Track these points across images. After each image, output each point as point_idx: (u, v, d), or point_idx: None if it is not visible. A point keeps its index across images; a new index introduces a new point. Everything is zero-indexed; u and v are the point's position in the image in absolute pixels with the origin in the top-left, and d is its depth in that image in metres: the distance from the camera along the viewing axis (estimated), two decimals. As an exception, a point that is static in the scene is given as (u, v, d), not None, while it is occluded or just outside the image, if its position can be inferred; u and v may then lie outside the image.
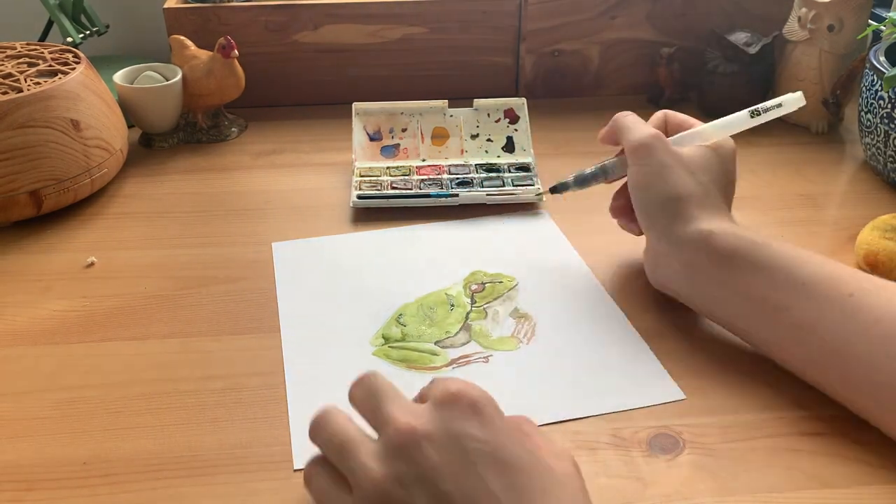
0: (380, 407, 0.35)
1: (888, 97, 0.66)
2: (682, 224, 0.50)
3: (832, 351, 0.43)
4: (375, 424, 0.35)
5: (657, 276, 0.53)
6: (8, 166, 0.61)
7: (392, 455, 0.33)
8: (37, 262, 0.61)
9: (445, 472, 0.32)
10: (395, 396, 0.36)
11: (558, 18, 0.84)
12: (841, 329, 0.43)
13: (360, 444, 0.34)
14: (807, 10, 0.76)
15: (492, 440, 0.33)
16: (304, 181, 0.72)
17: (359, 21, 0.83)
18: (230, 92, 0.77)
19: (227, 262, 0.60)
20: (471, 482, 0.31)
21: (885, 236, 0.57)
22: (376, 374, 0.37)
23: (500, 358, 0.51)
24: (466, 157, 0.73)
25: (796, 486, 0.41)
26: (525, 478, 0.32)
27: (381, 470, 0.32)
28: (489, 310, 0.55)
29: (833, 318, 0.43)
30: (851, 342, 0.43)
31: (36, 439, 0.45)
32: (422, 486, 0.32)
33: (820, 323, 0.44)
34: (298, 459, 0.43)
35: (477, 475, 0.32)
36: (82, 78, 0.67)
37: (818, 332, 0.44)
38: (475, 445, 0.32)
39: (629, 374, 0.49)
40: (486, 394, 0.35)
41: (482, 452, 0.32)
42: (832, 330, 0.43)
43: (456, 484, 0.31)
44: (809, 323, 0.44)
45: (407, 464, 0.32)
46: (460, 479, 0.32)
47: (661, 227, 0.51)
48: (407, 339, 0.52)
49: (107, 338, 0.53)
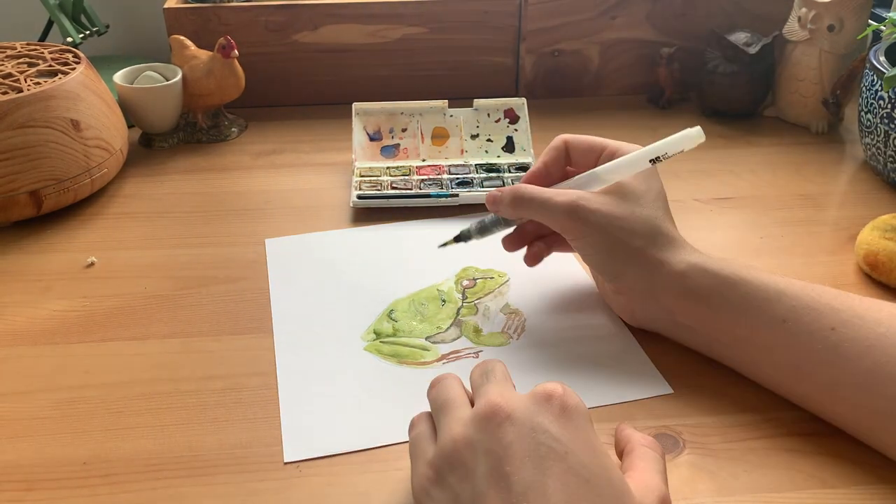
0: (484, 384, 0.38)
1: (888, 97, 0.66)
2: (653, 273, 0.48)
3: (818, 387, 0.43)
4: (476, 398, 0.37)
5: (637, 320, 0.51)
6: (8, 166, 0.61)
7: (475, 423, 0.35)
8: (37, 262, 0.61)
9: (512, 455, 0.33)
10: (502, 380, 0.38)
11: (558, 18, 0.84)
12: (826, 367, 0.43)
13: (457, 408, 0.37)
14: (807, 10, 0.76)
15: (566, 443, 0.33)
16: (304, 181, 0.72)
17: (359, 21, 0.83)
18: (230, 92, 0.77)
19: (227, 262, 0.60)
20: (529, 472, 0.32)
21: (885, 236, 0.57)
22: (497, 361, 0.40)
23: (490, 353, 0.51)
24: (466, 157, 0.73)
25: (796, 486, 0.41)
26: (585, 489, 0.32)
27: (461, 431, 0.35)
28: (480, 305, 0.55)
29: (817, 356, 0.43)
30: (837, 379, 0.42)
31: (36, 439, 0.45)
32: (487, 458, 0.33)
33: (806, 361, 0.43)
34: (288, 453, 0.43)
35: (539, 468, 0.32)
36: (82, 78, 0.67)
37: (804, 370, 0.44)
38: (548, 441, 0.33)
39: (617, 368, 0.49)
40: (583, 406, 0.36)
41: (552, 450, 0.33)
42: (818, 369, 0.43)
43: (517, 469, 0.33)
44: (795, 362, 0.44)
45: (484, 434, 0.34)
46: (522, 467, 0.33)
47: (629, 280, 0.49)
48: (398, 334, 0.52)
49: (107, 338, 0.53)
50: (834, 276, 0.58)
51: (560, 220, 0.49)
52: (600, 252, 0.49)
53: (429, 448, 0.37)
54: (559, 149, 0.53)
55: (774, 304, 0.44)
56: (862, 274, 0.58)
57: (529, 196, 0.49)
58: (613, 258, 0.49)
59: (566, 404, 0.35)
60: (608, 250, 0.48)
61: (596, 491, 0.32)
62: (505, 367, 0.40)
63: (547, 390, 0.35)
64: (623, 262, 0.48)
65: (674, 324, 0.49)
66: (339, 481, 0.42)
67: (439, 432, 0.37)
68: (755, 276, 0.46)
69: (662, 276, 0.47)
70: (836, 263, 0.60)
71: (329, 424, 0.45)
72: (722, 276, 0.46)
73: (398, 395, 0.47)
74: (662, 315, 0.49)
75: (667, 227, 0.49)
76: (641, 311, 0.50)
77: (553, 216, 0.49)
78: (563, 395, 0.35)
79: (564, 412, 0.34)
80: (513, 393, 0.36)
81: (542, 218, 0.50)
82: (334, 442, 0.44)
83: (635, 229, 0.48)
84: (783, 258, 0.60)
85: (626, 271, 0.49)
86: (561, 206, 0.48)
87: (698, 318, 0.47)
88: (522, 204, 0.50)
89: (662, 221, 0.49)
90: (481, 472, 0.33)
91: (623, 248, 0.48)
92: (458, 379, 0.40)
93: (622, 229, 0.48)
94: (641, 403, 0.47)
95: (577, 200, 0.48)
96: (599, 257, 0.49)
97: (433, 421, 0.39)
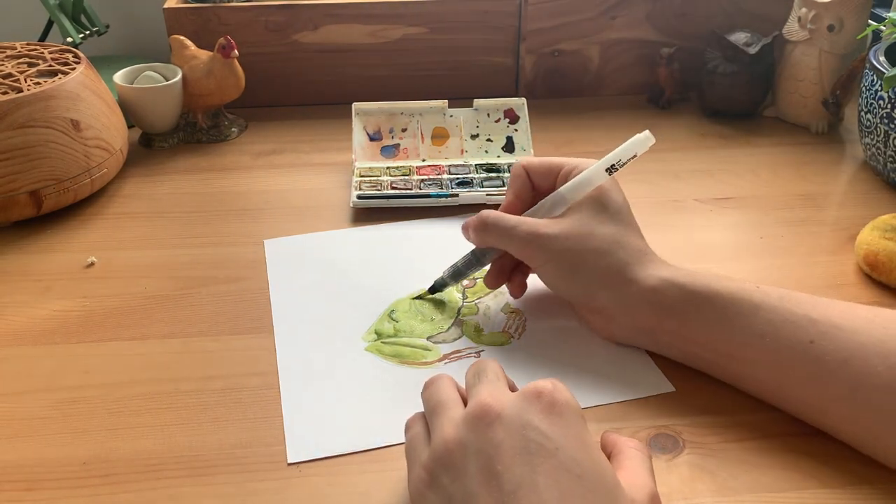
0: (477, 384, 0.38)
1: (888, 97, 0.66)
2: (623, 290, 0.47)
3: (802, 402, 0.44)
4: (468, 398, 0.37)
5: (617, 339, 0.50)
6: (8, 166, 0.61)
7: (466, 424, 0.35)
8: (37, 262, 0.61)
9: (502, 454, 0.33)
10: (494, 380, 0.38)
11: (558, 18, 0.84)
12: (808, 382, 0.42)
13: (449, 408, 0.37)
14: (807, 10, 0.76)
15: (556, 439, 0.33)
16: (304, 181, 0.72)
17: (359, 21, 0.83)
18: (230, 92, 0.77)
19: (227, 262, 0.60)
20: (520, 470, 0.32)
21: (885, 236, 0.57)
22: (491, 361, 0.40)
23: (491, 353, 0.51)
24: (466, 157, 0.73)
25: (796, 486, 0.41)
26: (576, 484, 0.32)
27: (453, 432, 0.35)
28: (481, 305, 0.55)
29: (798, 371, 0.43)
30: (819, 394, 0.42)
31: (36, 439, 0.45)
32: (478, 458, 0.33)
33: (788, 377, 0.43)
34: (292, 454, 0.43)
35: (529, 465, 0.32)
36: (82, 78, 0.67)
37: (786, 386, 0.44)
38: (538, 438, 0.33)
39: (618, 367, 0.49)
40: (574, 402, 0.35)
41: (541, 446, 0.33)
42: (799, 385, 0.43)
43: (507, 467, 0.33)
44: (778, 377, 0.44)
45: (474, 434, 0.34)
46: (512, 464, 0.33)
47: (601, 301, 0.48)
48: (399, 334, 0.52)
49: (107, 338, 0.53)
50: (834, 276, 0.58)
51: (521, 249, 0.49)
52: (565, 276, 0.49)
53: (423, 450, 0.37)
54: (521, 176, 0.53)
55: (751, 319, 0.44)
56: (862, 274, 0.58)
57: (493, 222, 0.50)
58: (581, 280, 0.48)
59: (556, 400, 0.35)
60: (573, 273, 0.48)
61: (587, 486, 0.32)
62: (498, 365, 0.40)
63: (537, 387, 0.35)
64: (593, 283, 0.48)
65: (654, 340, 0.49)
66: (339, 481, 0.42)
67: (432, 434, 0.37)
68: (729, 288, 0.45)
69: (633, 293, 0.47)
70: (836, 263, 0.60)
71: (332, 425, 0.45)
72: (694, 290, 0.45)
73: (400, 396, 0.47)
74: (641, 333, 0.49)
75: (632, 240, 0.49)
76: (619, 330, 0.50)
77: (515, 245, 0.49)
78: (552, 392, 0.35)
79: (554, 408, 0.34)
80: (504, 392, 0.36)
81: (505, 246, 0.50)
82: (337, 443, 0.44)
83: (600, 248, 0.48)
84: (783, 258, 0.60)
85: (596, 293, 0.48)
86: (521, 234, 0.49)
87: (676, 334, 0.47)
88: (486, 230, 0.50)
89: (626, 235, 0.49)
90: (472, 471, 0.33)
91: (590, 269, 0.48)
92: (451, 379, 0.40)
93: (585, 251, 0.48)
94: (641, 403, 0.47)
95: (536, 229, 0.48)
96: (565, 282, 0.49)
97: (425, 420, 0.39)
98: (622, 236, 0.48)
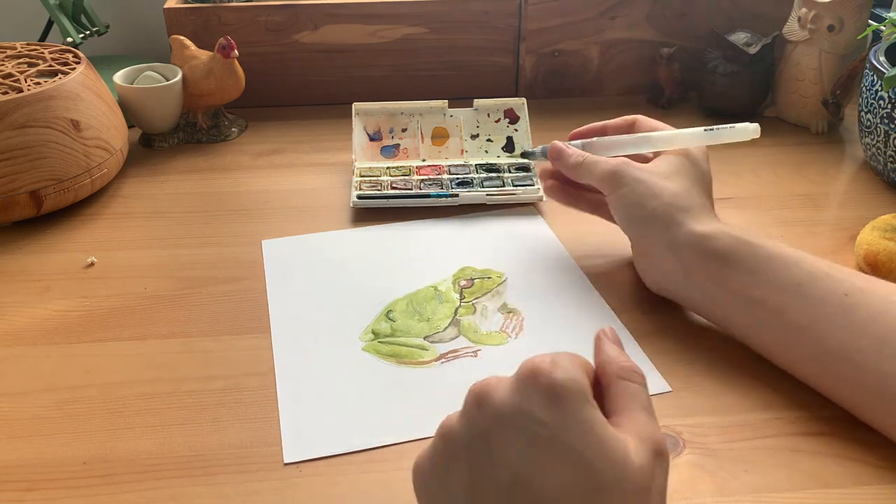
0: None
1: (888, 97, 0.66)
2: (673, 229, 0.50)
3: (827, 350, 0.44)
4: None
5: (654, 279, 0.53)
6: (8, 166, 0.61)
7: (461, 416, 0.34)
8: (37, 262, 0.61)
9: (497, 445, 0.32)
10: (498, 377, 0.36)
11: (558, 18, 0.84)
12: (837, 330, 0.43)
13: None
14: (807, 11, 0.76)
15: (553, 426, 0.31)
16: (304, 181, 0.72)
17: (359, 21, 0.83)
18: (230, 92, 0.77)
19: (227, 262, 0.60)
20: (514, 462, 0.31)
21: (885, 236, 0.57)
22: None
23: (488, 352, 0.51)
24: (466, 157, 0.73)
25: (796, 486, 0.41)
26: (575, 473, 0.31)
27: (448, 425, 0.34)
28: (478, 305, 0.55)
29: (829, 318, 0.44)
30: (847, 342, 0.43)
31: (36, 439, 0.45)
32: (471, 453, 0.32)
33: (817, 323, 0.44)
34: (288, 454, 0.43)
35: (523, 456, 0.31)
36: (82, 78, 0.67)
37: (815, 332, 0.44)
38: (533, 427, 0.32)
39: None
40: (574, 380, 0.32)
41: (536, 435, 0.31)
42: (828, 331, 0.44)
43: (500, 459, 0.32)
44: (807, 324, 0.45)
45: (468, 427, 0.33)
46: (507, 456, 0.31)
47: (652, 237, 0.52)
48: (396, 334, 0.52)
49: (107, 338, 0.53)
50: (834, 276, 0.58)
51: (601, 177, 0.54)
52: (630, 208, 0.52)
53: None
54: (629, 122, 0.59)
55: (792, 269, 0.46)
56: (862, 274, 0.58)
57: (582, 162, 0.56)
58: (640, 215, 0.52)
59: (554, 382, 0.32)
60: (639, 206, 0.52)
61: (588, 473, 0.31)
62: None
63: (533, 368, 0.33)
64: (648, 219, 0.51)
65: (688, 284, 0.50)
66: (339, 481, 0.42)
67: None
68: (775, 243, 0.48)
69: (684, 233, 0.50)
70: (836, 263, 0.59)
71: (329, 425, 0.45)
72: (744, 238, 0.48)
73: (397, 395, 0.47)
74: (679, 274, 0.50)
75: (701, 199, 0.52)
76: (659, 270, 0.52)
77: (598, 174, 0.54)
78: (550, 372, 0.32)
79: (552, 391, 0.32)
80: (499, 379, 0.34)
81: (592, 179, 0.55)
82: (334, 443, 0.44)
83: (667, 191, 0.51)
84: (783, 258, 0.60)
85: (650, 228, 0.51)
86: (606, 163, 0.54)
87: (714, 277, 0.49)
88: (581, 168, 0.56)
89: (698, 196, 0.52)
90: (466, 466, 0.32)
91: (652, 205, 0.51)
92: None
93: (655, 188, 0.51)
94: (641, 403, 0.47)
95: (620, 160, 0.54)
96: (630, 214, 0.53)
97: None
98: (697, 189, 0.52)
